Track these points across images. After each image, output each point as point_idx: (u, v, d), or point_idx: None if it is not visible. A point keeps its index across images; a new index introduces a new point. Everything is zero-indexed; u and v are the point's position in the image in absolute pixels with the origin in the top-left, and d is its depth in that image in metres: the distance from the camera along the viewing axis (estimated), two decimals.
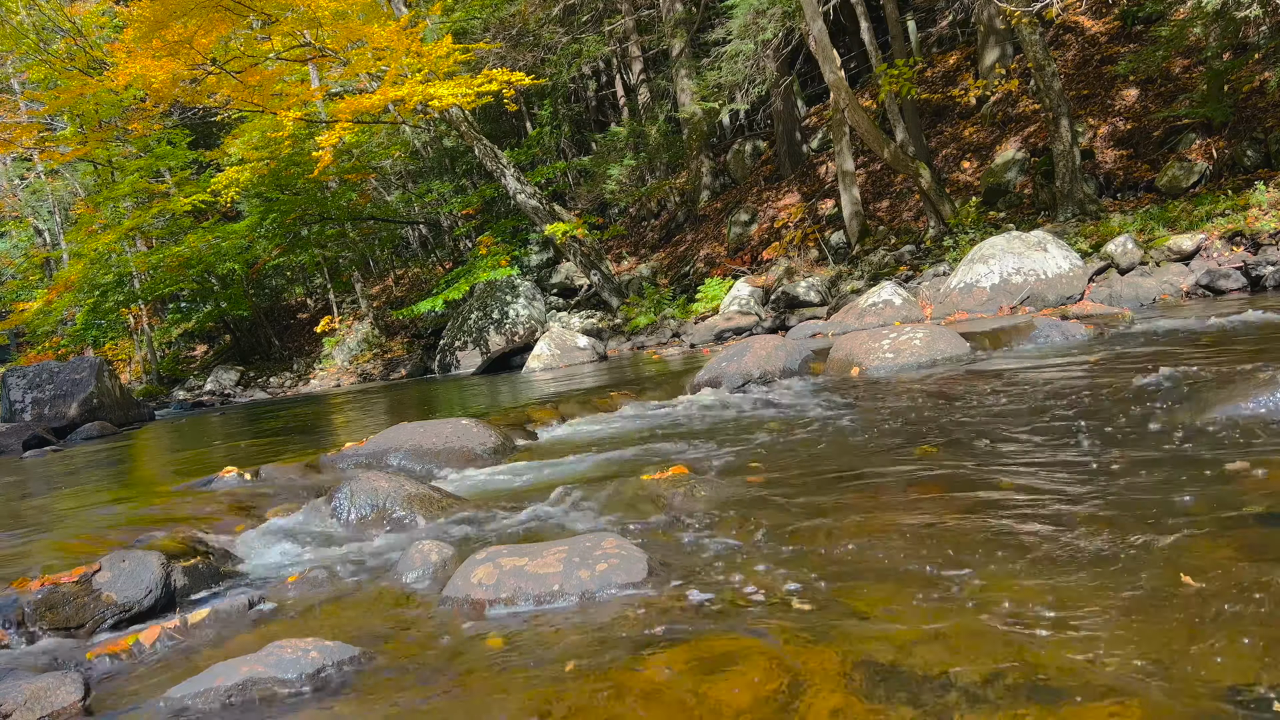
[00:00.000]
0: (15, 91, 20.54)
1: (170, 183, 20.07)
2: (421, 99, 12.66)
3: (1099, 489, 2.39)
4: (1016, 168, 12.10)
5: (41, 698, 1.78)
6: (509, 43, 17.93)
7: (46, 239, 26.22)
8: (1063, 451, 2.87)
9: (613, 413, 5.22)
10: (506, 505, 3.14)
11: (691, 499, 2.81)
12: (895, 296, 8.74)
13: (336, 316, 20.56)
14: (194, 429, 9.82)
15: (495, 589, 2.10)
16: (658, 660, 1.66)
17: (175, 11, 11.64)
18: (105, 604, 2.36)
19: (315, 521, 3.21)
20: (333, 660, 1.81)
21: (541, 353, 11.58)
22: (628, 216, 19.06)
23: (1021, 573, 1.87)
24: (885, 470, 2.95)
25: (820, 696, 1.45)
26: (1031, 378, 4.45)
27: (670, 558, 2.27)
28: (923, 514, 2.39)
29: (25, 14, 16.17)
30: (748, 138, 18.14)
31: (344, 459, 4.31)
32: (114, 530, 3.06)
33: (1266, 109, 10.17)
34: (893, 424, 3.74)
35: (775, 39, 13.46)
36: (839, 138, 12.74)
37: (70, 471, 6.22)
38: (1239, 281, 8.00)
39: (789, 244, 14.02)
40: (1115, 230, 9.46)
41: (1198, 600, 1.63)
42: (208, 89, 13.60)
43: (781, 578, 2.03)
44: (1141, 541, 1.95)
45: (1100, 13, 14.17)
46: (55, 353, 20.76)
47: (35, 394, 10.70)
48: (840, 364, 5.54)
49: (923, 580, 1.90)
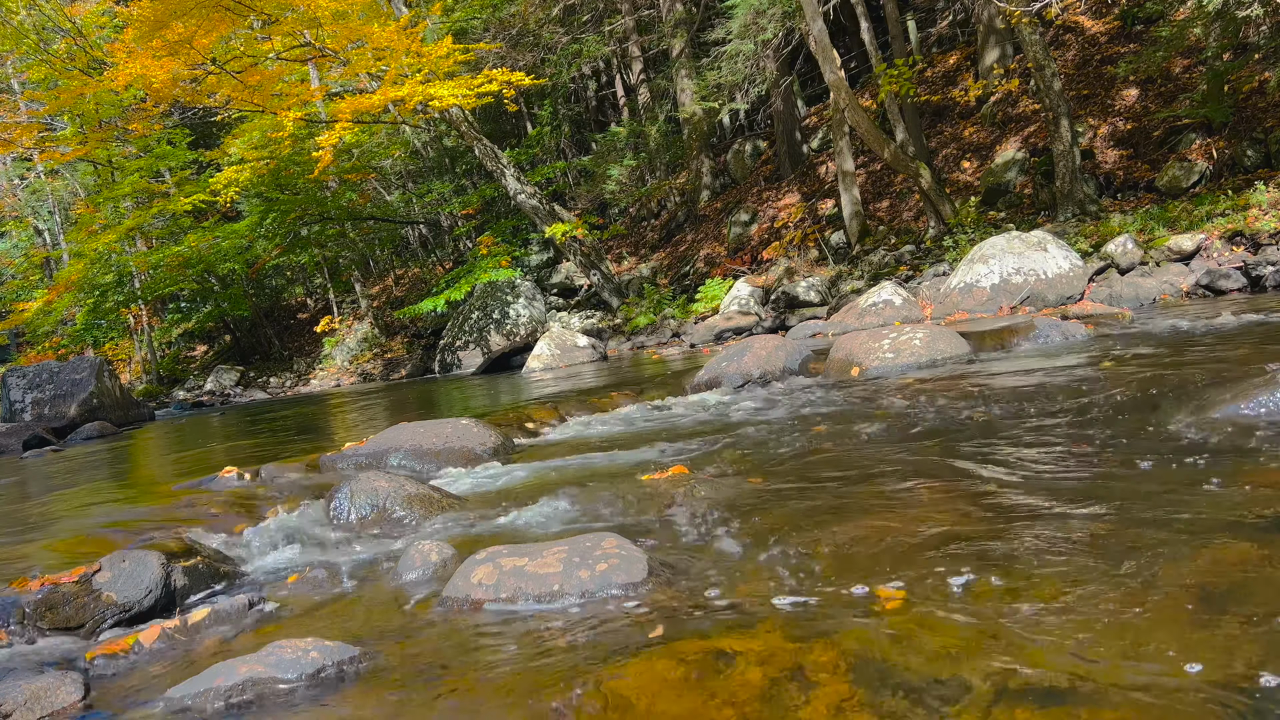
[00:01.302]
0: (15, 91, 20.53)
1: (170, 183, 20.07)
2: (421, 99, 12.66)
3: (1099, 489, 2.39)
4: (1016, 168, 12.10)
5: (41, 698, 1.78)
6: (509, 43, 17.93)
7: (46, 239, 26.21)
8: (1063, 451, 2.87)
9: (613, 413, 5.22)
10: (506, 505, 3.14)
11: (691, 499, 2.82)
12: (895, 296, 8.74)
13: (336, 316, 20.55)
14: (194, 429, 9.82)
15: (495, 589, 2.10)
16: (658, 660, 1.66)
17: (175, 11, 11.63)
18: (105, 604, 2.36)
19: (315, 521, 3.21)
20: (333, 660, 1.81)
21: (542, 353, 11.58)
22: (628, 216, 19.06)
23: (1022, 573, 1.87)
24: (885, 470, 2.95)
25: (821, 695, 1.45)
26: (1031, 378, 4.45)
27: (670, 558, 2.27)
28: (923, 514, 2.38)
29: (25, 14, 16.16)
30: (748, 138, 18.14)
31: (344, 459, 4.31)
32: (114, 530, 3.06)
33: (1266, 109, 10.17)
34: (892, 424, 3.74)
35: (775, 39, 13.46)
36: (839, 138, 12.74)
37: (70, 471, 6.22)
38: (1239, 281, 7.99)
39: (789, 244, 14.02)
40: (1115, 230, 9.46)
41: (1197, 600, 1.63)
42: (208, 89, 13.59)
43: (782, 577, 2.03)
44: (1141, 541, 1.95)
45: (1100, 13, 14.17)
46: (55, 353, 20.75)
47: (35, 394, 10.70)
48: (840, 364, 5.54)
49: (923, 580, 1.90)
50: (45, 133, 19.22)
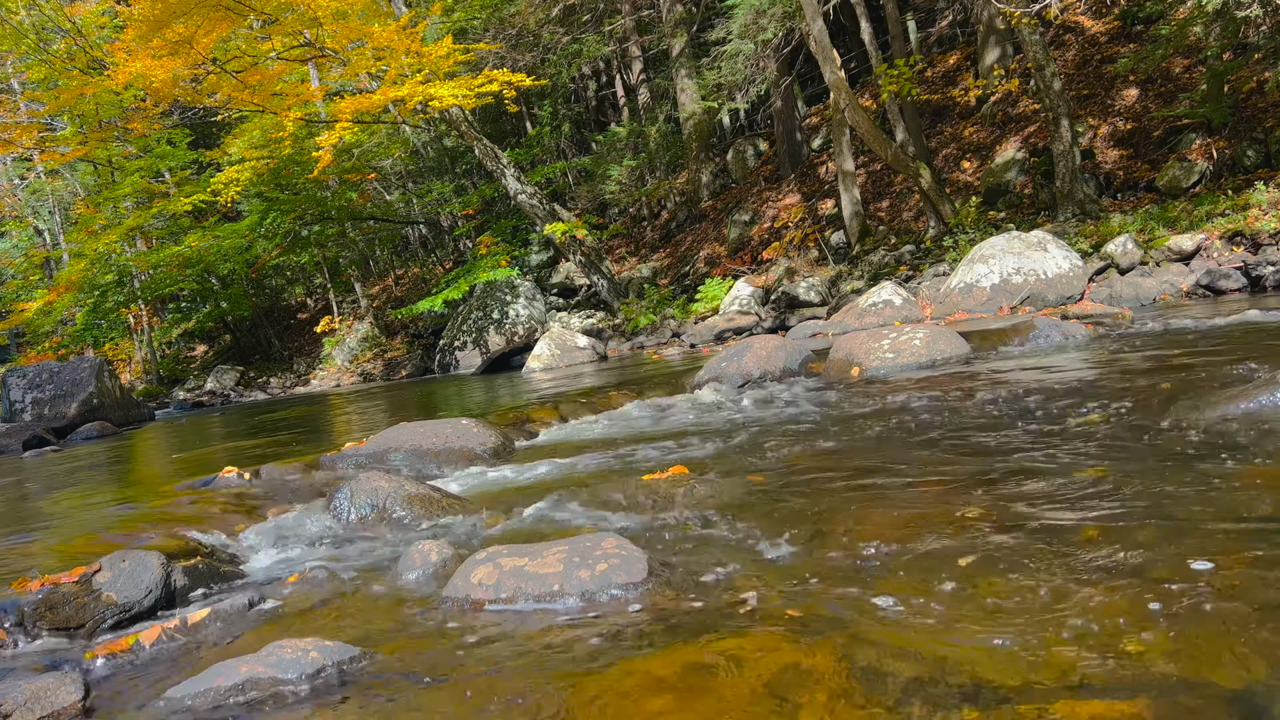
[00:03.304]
0: (15, 91, 20.53)
1: (170, 183, 20.06)
2: (422, 99, 12.66)
3: (1099, 489, 2.39)
4: (1016, 168, 12.10)
5: (41, 698, 1.78)
6: (509, 43, 17.93)
7: (46, 239, 26.20)
8: (1063, 451, 2.87)
9: (613, 413, 5.22)
10: (506, 505, 3.14)
11: (692, 499, 2.82)
12: (895, 296, 8.73)
13: (336, 316, 20.54)
14: (194, 429, 9.82)
15: (495, 589, 2.10)
16: (658, 660, 1.66)
17: (176, 11, 11.63)
18: (105, 604, 2.36)
19: (315, 521, 3.21)
20: (333, 660, 1.81)
21: (541, 353, 11.58)
22: (628, 216, 19.05)
23: (1021, 572, 1.87)
24: (885, 470, 2.95)
25: (819, 695, 1.45)
26: (1031, 378, 4.45)
27: (671, 558, 2.27)
28: (923, 513, 2.39)
29: (25, 14, 16.16)
30: (748, 138, 18.14)
31: (344, 459, 4.31)
32: (114, 530, 3.06)
33: (1266, 109, 10.17)
34: (893, 424, 3.74)
35: (775, 39, 13.45)
36: (839, 138, 12.74)
37: (70, 471, 6.22)
38: (1239, 281, 7.99)
39: (789, 244, 14.02)
40: (1115, 230, 9.46)
41: (1200, 599, 1.63)
42: (208, 89, 13.59)
43: (782, 577, 2.03)
44: (1142, 542, 1.95)
45: (1100, 13, 14.17)
46: (55, 353, 20.73)
47: (35, 394, 10.69)
48: (840, 364, 5.54)
49: (923, 580, 1.90)
50: (45, 133, 19.22)
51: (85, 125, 18.32)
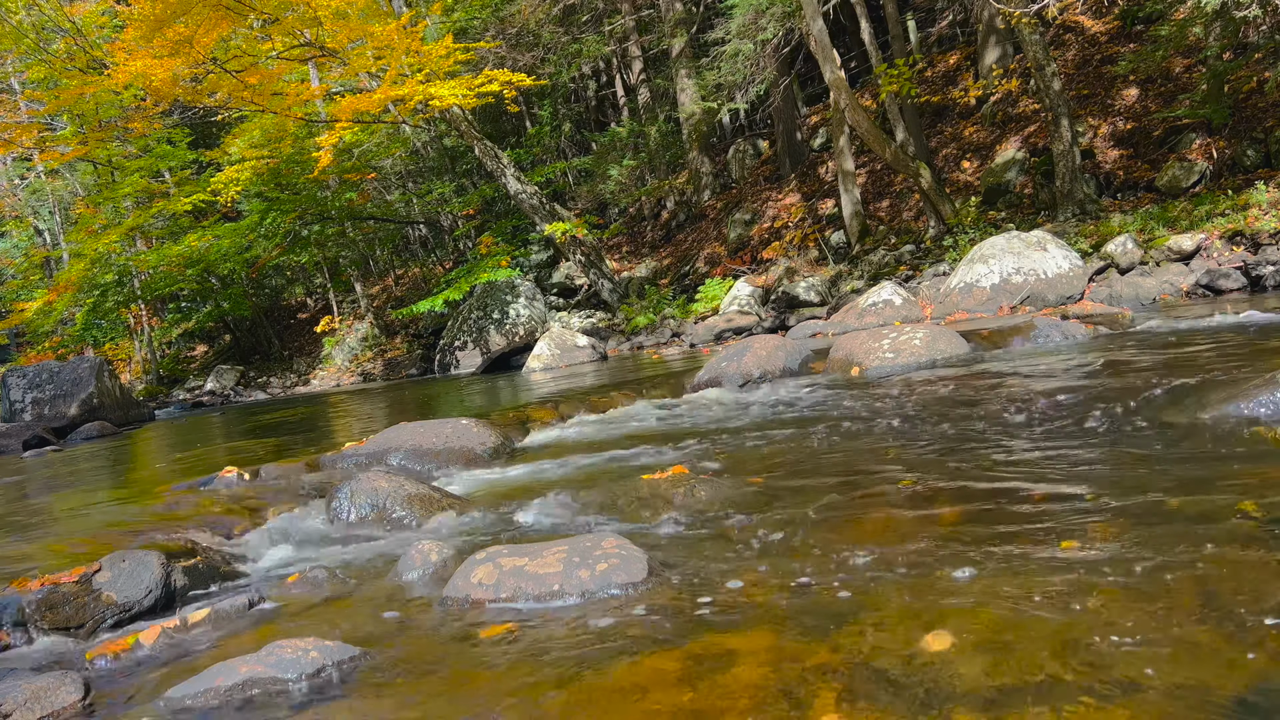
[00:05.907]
0: (15, 91, 20.51)
1: (170, 182, 20.05)
2: (422, 99, 12.66)
3: (1099, 489, 2.39)
4: (1016, 168, 12.10)
5: (41, 697, 1.78)
6: (509, 43, 17.93)
7: (46, 239, 26.19)
8: (1062, 451, 2.87)
9: (613, 412, 5.22)
10: (506, 505, 3.14)
11: (691, 499, 2.81)
12: (895, 296, 8.73)
13: (336, 316, 20.54)
14: (194, 429, 9.82)
15: (495, 589, 2.10)
16: (658, 660, 1.66)
17: (176, 11, 11.63)
18: (105, 604, 2.36)
19: (315, 521, 3.21)
20: (333, 660, 1.81)
21: (541, 353, 11.58)
22: (628, 216, 19.05)
23: (1022, 572, 1.87)
24: (885, 470, 2.95)
25: (820, 695, 1.45)
26: (1031, 378, 4.45)
27: (671, 557, 2.27)
28: (923, 513, 2.39)
29: (25, 14, 16.15)
30: (748, 138, 18.14)
31: (344, 459, 4.31)
32: (114, 530, 3.06)
33: (1266, 109, 10.17)
34: (893, 424, 3.74)
35: (775, 39, 13.45)
36: (839, 137, 12.74)
37: (70, 471, 6.22)
38: (1239, 281, 7.99)
39: (789, 244, 14.02)
40: (1115, 230, 9.46)
41: (1200, 600, 1.63)
42: (208, 88, 13.59)
43: (782, 577, 2.03)
44: (1141, 541, 1.95)
45: (1100, 13, 14.17)
46: (55, 353, 20.72)
47: (35, 394, 10.69)
48: (840, 364, 5.54)
49: (923, 579, 1.90)
50: (45, 133, 19.21)
51: (85, 125, 18.31)
